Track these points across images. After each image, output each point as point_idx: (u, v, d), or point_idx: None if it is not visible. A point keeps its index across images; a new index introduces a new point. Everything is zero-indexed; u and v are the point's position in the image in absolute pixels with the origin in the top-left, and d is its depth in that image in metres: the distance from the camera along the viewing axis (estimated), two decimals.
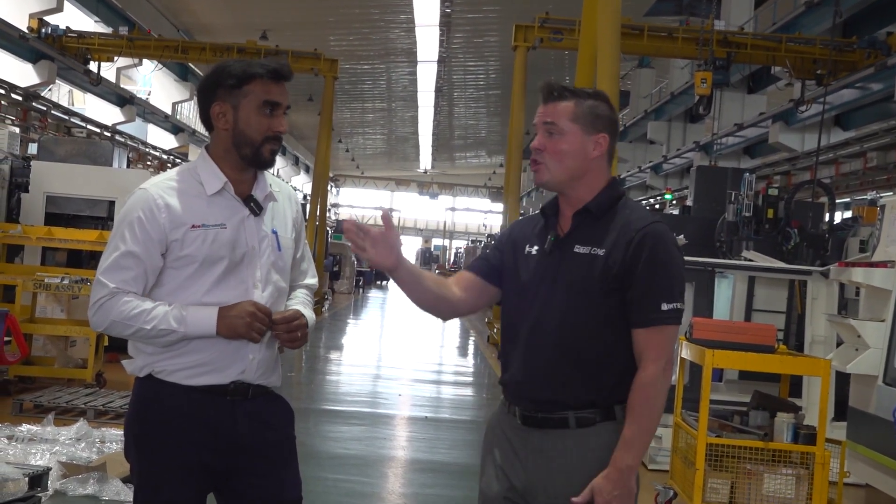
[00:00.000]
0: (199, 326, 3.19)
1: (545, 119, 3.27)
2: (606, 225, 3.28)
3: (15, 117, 22.65)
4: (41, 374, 11.46)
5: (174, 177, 3.35)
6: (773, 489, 7.06)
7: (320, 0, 28.61)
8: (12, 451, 7.55)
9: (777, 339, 7.90)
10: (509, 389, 3.35)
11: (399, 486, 8.39)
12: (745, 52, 20.97)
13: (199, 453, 3.26)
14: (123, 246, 3.23)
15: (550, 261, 3.27)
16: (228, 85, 3.28)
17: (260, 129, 3.26)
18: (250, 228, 3.31)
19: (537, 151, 3.28)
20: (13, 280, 11.96)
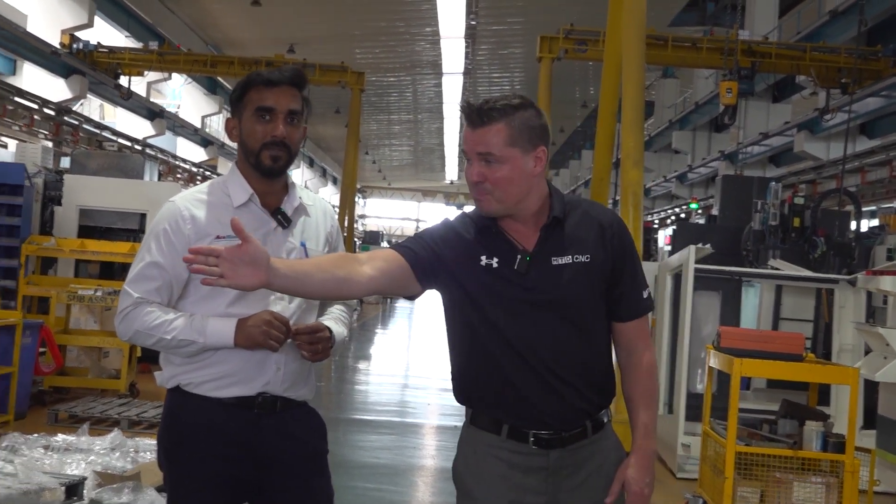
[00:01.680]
0: (218, 337, 3.20)
1: (478, 150, 3.03)
2: (571, 229, 3.15)
3: (48, 132, 22.79)
4: (75, 384, 11.53)
5: (204, 189, 3.39)
6: (803, 497, 7.03)
7: (346, 14, 28.68)
8: (48, 461, 7.60)
9: (805, 347, 7.85)
10: (517, 417, 3.13)
11: (429, 495, 8.40)
12: (769, 61, 20.91)
13: (228, 465, 3.27)
14: (149, 257, 3.27)
15: (530, 278, 3.08)
16: (234, 99, 3.35)
17: (256, 137, 3.27)
18: (277, 240, 3.31)
19: (478, 183, 3.04)
20: (47, 292, 12.04)
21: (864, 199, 19.01)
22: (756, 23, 26.07)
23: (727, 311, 11.48)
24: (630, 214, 9.87)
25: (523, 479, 3.12)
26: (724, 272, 11.33)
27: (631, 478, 3.11)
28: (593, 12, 18.00)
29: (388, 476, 8.84)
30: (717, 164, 29.50)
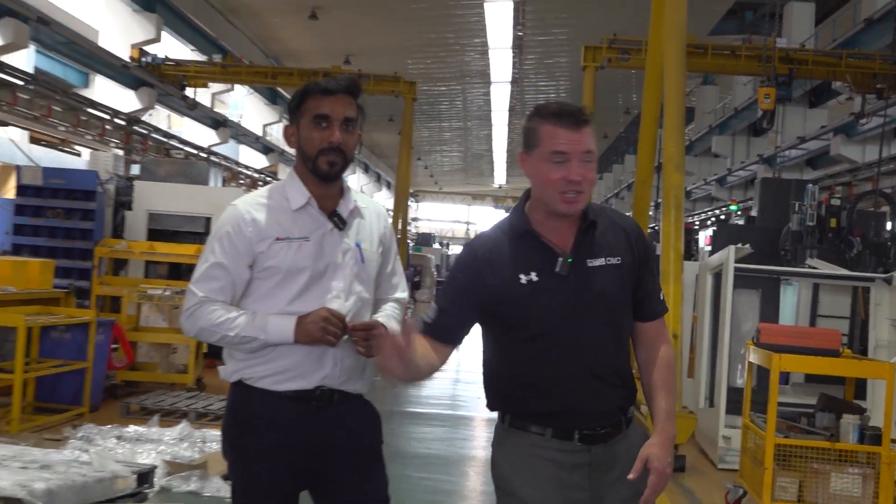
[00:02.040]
0: (279, 334, 3.22)
1: (582, 149, 3.01)
2: (601, 233, 3.15)
3: (118, 140, 23.02)
4: (146, 378, 11.65)
5: (264, 193, 3.41)
6: (841, 488, 6.97)
7: (400, 26, 28.75)
8: (121, 451, 7.69)
9: (841, 343, 7.79)
10: (560, 417, 3.11)
11: (480, 485, 8.41)
12: (806, 67, 20.70)
13: (287, 456, 3.29)
14: (213, 258, 3.30)
15: (571, 283, 3.06)
16: (292, 107, 3.37)
17: (314, 143, 3.28)
18: (333, 241, 3.33)
19: (578, 183, 2.99)
20: (119, 291, 12.18)
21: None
22: (793, 31, 25.88)
23: (766, 308, 11.41)
24: (672, 216, 9.81)
25: (569, 476, 3.10)
26: (763, 271, 11.27)
27: (654, 456, 3.07)
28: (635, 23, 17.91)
29: (440, 466, 8.85)
30: (756, 168, 29.24)
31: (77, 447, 7.69)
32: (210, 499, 6.96)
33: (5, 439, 7.95)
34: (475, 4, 25.94)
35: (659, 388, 3.22)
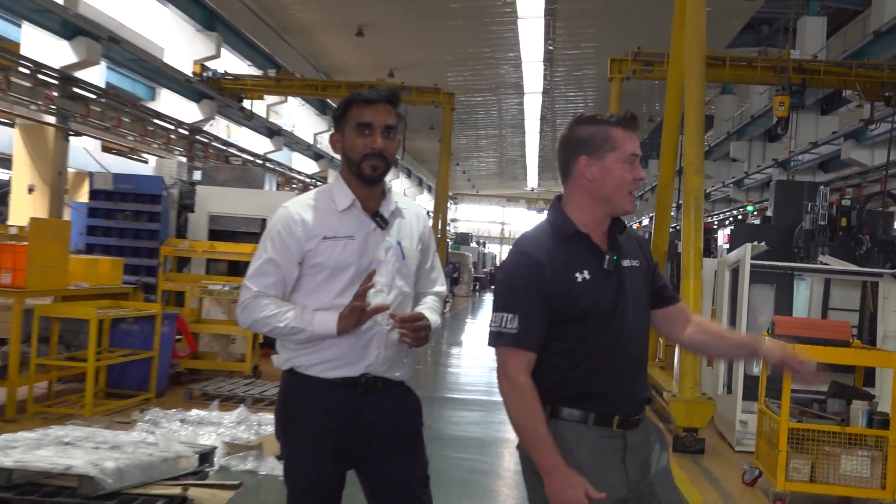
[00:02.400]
0: (323, 327, 3.24)
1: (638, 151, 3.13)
2: (625, 238, 3.19)
3: (182, 149, 23.17)
4: (207, 366, 11.74)
5: (312, 196, 3.43)
6: (850, 469, 6.92)
7: (439, 42, 28.75)
8: (184, 433, 7.75)
9: (851, 334, 7.72)
10: (601, 402, 3.06)
11: (513, 465, 8.38)
12: (818, 77, 20.52)
13: (335, 438, 3.30)
14: (265, 255, 3.33)
15: (615, 278, 3.06)
16: (336, 117, 3.39)
17: (357, 149, 3.30)
18: (376, 240, 3.34)
19: (639, 182, 3.09)
20: (182, 287, 12.27)
21: None
22: (806, 43, 25.67)
23: (781, 301, 11.34)
24: (692, 216, 9.78)
25: (608, 461, 3.06)
26: (777, 267, 11.18)
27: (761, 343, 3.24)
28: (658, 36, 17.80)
29: (476, 447, 8.85)
30: (771, 171, 29.11)
31: (144, 429, 7.76)
32: (265, 477, 7.00)
33: (79, 422, 8.02)
34: (509, 21, 25.89)
35: (720, 329, 3.36)
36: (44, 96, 16.93)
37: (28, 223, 9.51)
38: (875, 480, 6.88)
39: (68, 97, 17.64)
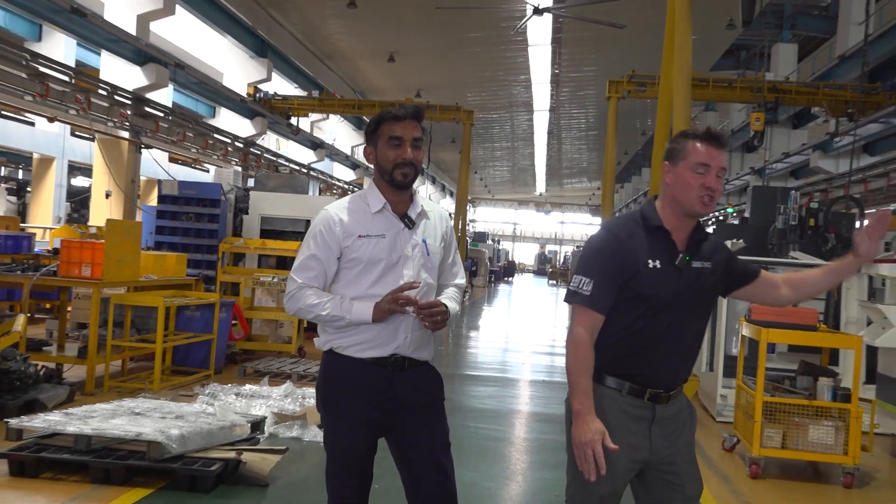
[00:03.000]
0: (360, 315, 3.24)
1: (722, 165, 3.08)
2: (706, 244, 3.20)
3: (238, 159, 23.29)
4: (258, 347, 11.77)
5: (348, 200, 3.43)
6: (817, 438, 6.89)
7: (460, 66, 28.74)
8: (239, 404, 7.78)
9: (818, 320, 7.68)
10: (640, 377, 3.10)
11: (524, 433, 8.38)
12: (790, 96, 20.45)
13: (368, 410, 3.30)
14: (308, 251, 3.33)
15: (681, 275, 3.09)
16: (369, 132, 3.38)
17: (389, 159, 3.30)
18: (404, 238, 3.34)
19: (713, 190, 3.04)
20: (238, 279, 12.31)
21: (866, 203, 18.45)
22: (779, 66, 25.58)
23: None
24: None
25: (633, 426, 3.10)
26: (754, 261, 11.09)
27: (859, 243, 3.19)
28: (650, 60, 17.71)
29: (492, 418, 8.84)
30: (749, 178, 28.97)
31: (204, 402, 7.80)
32: (308, 443, 7.01)
33: (148, 395, 8.08)
34: (520, 48, 25.85)
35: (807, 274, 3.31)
36: (119, 114, 17.03)
37: (105, 224, 9.56)
38: (839, 447, 6.85)
39: (140, 115, 17.74)
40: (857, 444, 6.83)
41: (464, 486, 5.77)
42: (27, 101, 15.00)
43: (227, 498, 5.55)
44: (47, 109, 15.98)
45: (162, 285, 9.95)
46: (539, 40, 24.87)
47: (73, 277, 8.72)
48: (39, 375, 7.87)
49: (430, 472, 3.37)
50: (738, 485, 6.74)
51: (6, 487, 5.42)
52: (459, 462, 3.54)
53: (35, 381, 7.73)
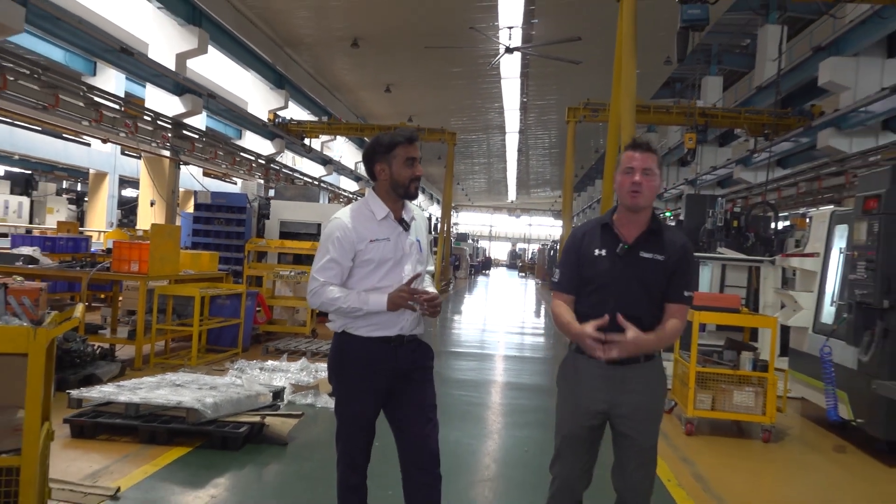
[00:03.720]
0: (376, 306, 3.25)
1: (646, 166, 3.13)
2: (661, 240, 3.21)
3: (261, 173, 23.22)
4: (278, 329, 11.75)
5: (354, 208, 3.41)
6: (740, 401, 6.93)
7: (445, 96, 28.69)
8: (262, 377, 7.77)
9: (741, 304, 7.72)
10: None
11: (499, 399, 8.40)
12: (717, 119, 20.50)
13: (374, 380, 3.31)
14: (328, 255, 3.32)
15: (623, 262, 3.15)
16: (382, 152, 3.35)
17: (406, 176, 3.31)
18: (403, 239, 3.35)
19: (638, 185, 3.12)
20: (261, 273, 12.28)
21: (779, 208, 18.56)
22: (708, 95, 25.69)
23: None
24: None
25: (595, 382, 3.19)
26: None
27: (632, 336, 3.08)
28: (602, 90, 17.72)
29: (472, 387, 8.85)
30: (683, 187, 29.05)
31: (234, 375, 7.78)
32: (321, 409, 7.01)
33: (187, 370, 8.05)
34: (495, 81, 25.83)
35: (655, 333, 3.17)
36: (161, 137, 16.94)
37: (150, 228, 9.52)
38: (758, 409, 6.89)
39: (179, 137, 17.65)
40: (773, 406, 6.89)
41: (449, 443, 5.82)
42: (84, 125, 14.92)
43: (254, 455, 5.55)
44: (101, 133, 15.89)
45: (198, 278, 9.92)
46: (510, 74, 24.84)
47: (123, 272, 8.69)
48: (95, 354, 7.84)
49: (418, 423, 3.39)
50: (675, 441, 6.77)
51: (69, 447, 5.40)
52: (445, 424, 3.56)
53: (92, 358, 7.70)
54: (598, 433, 3.27)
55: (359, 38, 21.56)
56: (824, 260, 8.02)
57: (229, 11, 18.90)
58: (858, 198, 6.87)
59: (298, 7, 19.41)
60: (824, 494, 5.54)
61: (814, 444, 6.99)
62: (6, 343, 2.97)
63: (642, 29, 10.92)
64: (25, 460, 2.99)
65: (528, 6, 18.52)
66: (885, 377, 6.25)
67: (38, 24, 12.81)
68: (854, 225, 6.87)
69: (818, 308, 7.95)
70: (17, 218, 22.37)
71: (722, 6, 16.03)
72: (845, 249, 7.39)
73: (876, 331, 6.43)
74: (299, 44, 22.75)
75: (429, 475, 3.35)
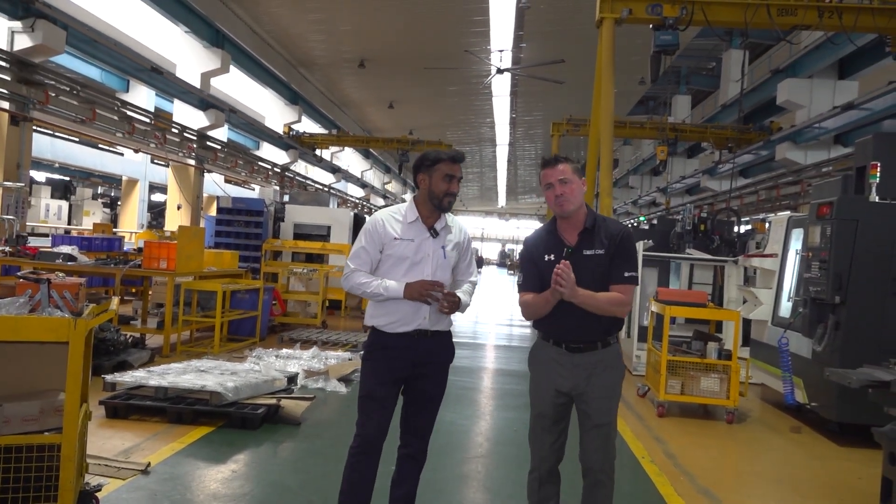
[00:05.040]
0: (394, 293, 3.27)
1: (560, 177, 3.17)
2: (598, 234, 3.22)
3: (277, 180, 23.19)
4: (292, 321, 11.74)
5: (394, 209, 3.46)
6: (707, 386, 6.94)
7: (442, 111, 28.69)
8: (278, 364, 7.74)
9: (708, 299, 7.73)
10: (556, 334, 3.26)
11: (490, 384, 8.40)
12: (685, 133, 20.53)
13: (396, 369, 3.33)
14: (360, 244, 3.38)
15: (571, 262, 3.12)
16: (427, 165, 3.38)
17: (442, 190, 3.32)
18: (427, 244, 3.36)
19: (560, 196, 3.17)
20: (276, 270, 12.27)
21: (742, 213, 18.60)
22: (677, 112, 25.75)
23: (662, 279, 11.33)
24: None
25: (560, 367, 3.24)
26: (660, 257, 11.18)
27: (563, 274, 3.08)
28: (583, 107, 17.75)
29: (465, 373, 8.84)
30: (655, 195, 29.09)
31: (252, 362, 7.76)
32: (330, 392, 7.00)
33: (210, 357, 8.03)
34: (487, 98, 25.84)
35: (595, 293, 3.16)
36: (187, 147, 16.91)
37: (177, 229, 9.50)
38: (723, 393, 6.90)
39: (203, 148, 17.62)
40: (736, 391, 6.89)
41: (445, 423, 5.82)
42: (118, 137, 14.89)
43: (270, 433, 5.54)
44: (133, 143, 15.86)
45: (220, 275, 9.91)
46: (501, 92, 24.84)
47: (153, 269, 8.67)
48: (128, 342, 7.82)
49: (419, 404, 3.42)
50: (648, 421, 6.77)
51: (104, 427, 5.39)
52: (441, 406, 3.55)
53: (124, 346, 7.68)
54: (565, 411, 3.30)
55: (365, 60, 21.55)
56: (782, 260, 8.04)
57: (249, 35, 18.88)
58: (812, 205, 6.89)
59: (311, 31, 19.41)
60: (781, 470, 5.55)
61: (772, 425, 7.00)
62: (50, 332, 2.97)
63: (619, 53, 10.93)
64: (66, 438, 2.99)
65: (517, 31, 18.54)
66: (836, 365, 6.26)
67: (78, 46, 12.80)
68: (809, 229, 6.89)
69: (776, 303, 7.96)
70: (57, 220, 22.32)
71: (690, 32, 16.06)
72: (801, 251, 7.41)
73: (828, 323, 6.45)
74: (312, 64, 22.74)
75: (410, 447, 3.44)
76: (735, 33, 20.17)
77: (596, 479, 3.22)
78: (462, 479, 4.82)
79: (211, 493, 4.21)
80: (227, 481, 4.43)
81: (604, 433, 3.22)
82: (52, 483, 2.98)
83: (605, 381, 3.23)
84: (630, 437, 6.02)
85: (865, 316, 6.24)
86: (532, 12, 17.15)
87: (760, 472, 5.44)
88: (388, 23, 18.28)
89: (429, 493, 4.19)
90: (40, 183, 23.40)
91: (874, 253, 6.29)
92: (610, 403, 3.25)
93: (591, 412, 3.21)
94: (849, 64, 15.98)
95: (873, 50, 14.05)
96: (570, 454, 3.38)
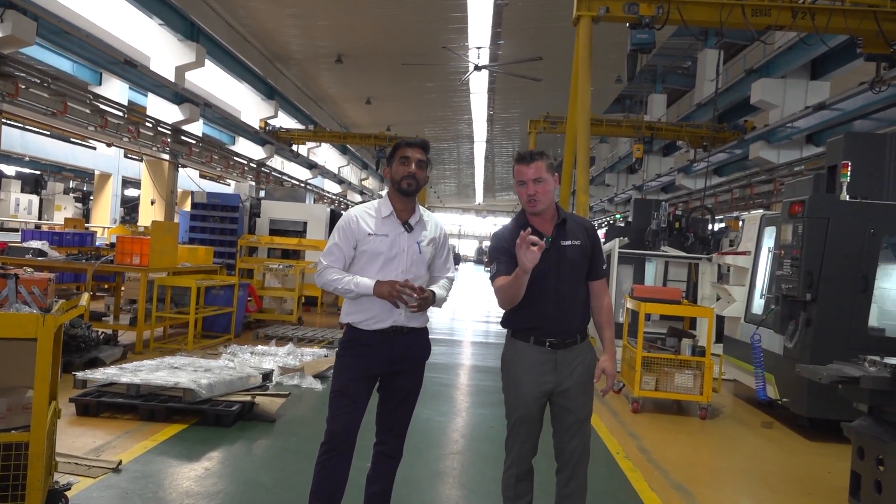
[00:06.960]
0: (364, 289, 3.24)
1: (535, 176, 3.15)
2: (570, 227, 3.26)
3: (252, 176, 23.00)
4: (267, 317, 11.65)
5: (368, 206, 3.44)
6: (681, 382, 7.00)
7: (420, 107, 28.63)
8: (253, 360, 7.69)
9: (682, 296, 7.79)
10: (537, 331, 3.21)
11: (466, 380, 8.40)
12: (661, 132, 20.68)
13: (372, 366, 3.31)
14: (333, 241, 3.36)
15: (551, 253, 3.16)
16: (387, 157, 3.42)
17: (399, 174, 3.32)
18: (402, 238, 3.34)
19: (533, 195, 3.16)
20: (252, 266, 12.17)
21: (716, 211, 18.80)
22: (653, 111, 25.91)
23: (637, 276, 11.41)
24: None
25: (542, 367, 3.21)
26: (635, 254, 11.25)
27: (608, 367, 3.28)
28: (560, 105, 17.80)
29: (442, 369, 8.85)
30: (631, 192, 29.28)
31: (227, 358, 7.70)
32: (305, 389, 6.96)
33: (184, 354, 7.95)
34: (464, 95, 25.83)
35: (604, 325, 3.35)
36: (161, 142, 16.70)
37: (150, 224, 9.38)
38: (696, 389, 6.96)
39: (178, 142, 17.41)
40: (710, 387, 6.96)
41: (421, 420, 5.81)
42: (90, 130, 14.66)
43: (245, 431, 5.49)
44: (106, 137, 15.61)
45: (194, 270, 9.80)
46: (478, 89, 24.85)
47: (125, 265, 8.56)
48: (99, 339, 7.71)
49: (395, 401, 3.40)
50: (623, 417, 6.82)
51: (75, 424, 5.31)
52: (418, 403, 3.54)
53: (96, 343, 7.58)
54: (544, 409, 3.32)
55: (343, 55, 21.43)
56: (755, 258, 8.13)
57: (224, 28, 18.68)
58: (785, 203, 6.98)
59: (288, 26, 19.25)
60: (753, 464, 5.62)
61: (745, 421, 7.09)
62: (17, 329, 2.91)
63: (596, 51, 10.98)
64: (34, 436, 2.94)
65: (495, 28, 18.55)
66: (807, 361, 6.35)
67: (49, 38, 12.55)
68: (781, 227, 6.97)
69: (749, 300, 8.06)
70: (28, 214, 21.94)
71: (666, 32, 16.19)
72: (773, 248, 7.51)
73: (799, 320, 6.53)
74: (288, 59, 22.57)
75: (386, 444, 3.42)
76: (710, 33, 20.34)
77: (574, 473, 3.26)
78: (438, 475, 4.82)
79: (184, 491, 4.16)
80: (200, 479, 4.38)
81: (585, 427, 3.28)
82: (19, 482, 2.93)
83: (586, 375, 3.27)
84: (605, 433, 6.05)
85: (836, 313, 6.34)
86: (510, 9, 17.16)
87: (733, 467, 5.51)
88: (365, 18, 18.19)
89: (405, 490, 4.19)
90: (10, 177, 22.99)
91: (844, 251, 6.39)
92: (588, 396, 3.30)
93: (573, 407, 3.23)
94: (821, 65, 16.21)
95: (845, 51, 14.26)
96: (541, 448, 3.39)
